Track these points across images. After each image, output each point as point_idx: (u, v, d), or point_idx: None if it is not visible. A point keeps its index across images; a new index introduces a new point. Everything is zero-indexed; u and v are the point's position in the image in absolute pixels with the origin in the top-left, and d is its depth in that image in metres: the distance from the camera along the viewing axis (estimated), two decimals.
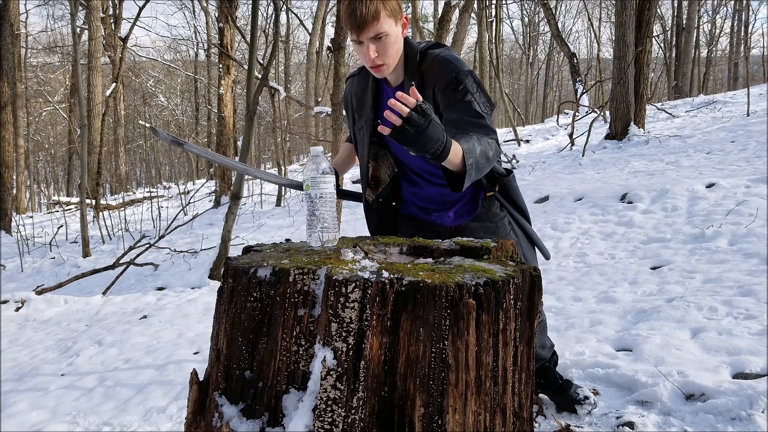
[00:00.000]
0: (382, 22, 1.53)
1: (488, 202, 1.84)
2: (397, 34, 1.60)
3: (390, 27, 1.56)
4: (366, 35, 1.54)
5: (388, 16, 1.54)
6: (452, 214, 1.87)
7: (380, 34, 1.55)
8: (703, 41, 26.54)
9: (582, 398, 2.13)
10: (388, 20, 1.55)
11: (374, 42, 1.56)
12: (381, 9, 1.52)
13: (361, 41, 1.56)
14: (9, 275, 6.98)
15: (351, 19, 1.53)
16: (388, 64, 1.62)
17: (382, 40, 1.56)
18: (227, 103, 10.63)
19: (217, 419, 1.10)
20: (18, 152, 12.69)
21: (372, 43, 1.56)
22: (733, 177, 5.46)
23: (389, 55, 1.60)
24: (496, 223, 1.85)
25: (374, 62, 1.59)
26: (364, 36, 1.54)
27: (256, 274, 1.11)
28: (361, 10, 1.51)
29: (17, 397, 2.96)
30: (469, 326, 1.02)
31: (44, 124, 28.72)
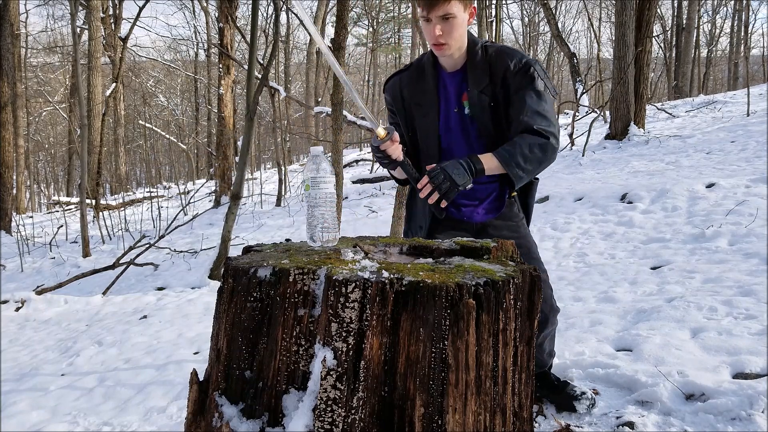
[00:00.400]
0: (453, 3, 1.64)
1: (510, 202, 1.97)
2: (464, 20, 1.70)
3: (459, 11, 1.66)
4: (435, 13, 1.65)
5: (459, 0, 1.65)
6: (481, 210, 1.96)
7: (448, 15, 1.65)
8: (703, 41, 26.54)
9: (579, 394, 2.13)
10: (459, 4, 1.66)
11: (441, 21, 1.66)
12: None
13: (429, 18, 1.67)
14: (9, 275, 6.98)
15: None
16: (450, 45, 1.71)
17: (450, 21, 1.66)
18: (227, 103, 10.63)
19: (217, 419, 1.10)
20: (18, 152, 12.69)
21: (439, 23, 1.66)
22: (733, 177, 5.46)
23: (453, 36, 1.69)
24: (516, 222, 1.98)
25: (437, 40, 1.68)
26: (433, 14, 1.65)
27: (256, 274, 1.11)
28: None
29: (17, 397, 2.96)
30: (469, 326, 1.02)
31: (44, 124, 28.72)
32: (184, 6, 25.02)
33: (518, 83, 1.74)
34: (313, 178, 1.31)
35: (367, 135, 12.51)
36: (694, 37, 22.33)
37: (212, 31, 20.44)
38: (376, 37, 25.84)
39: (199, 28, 24.76)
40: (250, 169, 16.56)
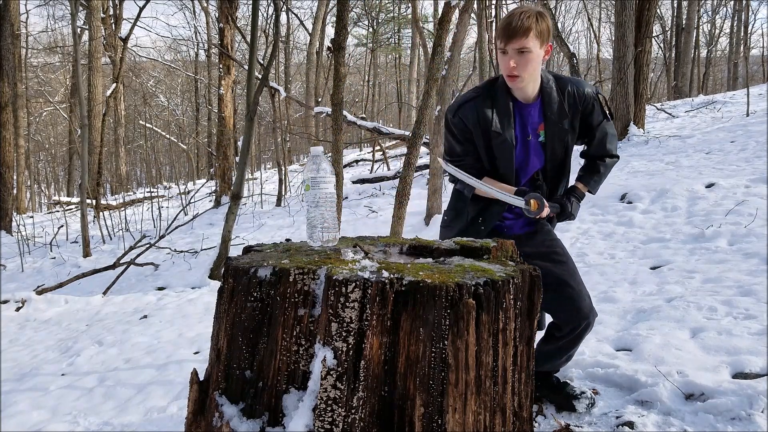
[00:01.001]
0: (530, 39, 1.74)
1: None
2: (539, 55, 1.80)
3: (534, 46, 1.76)
4: (512, 46, 1.75)
5: (536, 36, 1.75)
6: (521, 222, 2.09)
7: (524, 49, 1.75)
8: (702, 41, 26.53)
9: (579, 394, 2.14)
10: (535, 40, 1.75)
11: (517, 54, 1.76)
12: (533, 28, 1.74)
13: (506, 51, 1.77)
14: (9, 275, 6.98)
15: (505, 29, 1.75)
16: (523, 77, 1.80)
17: (525, 55, 1.76)
18: (227, 103, 10.63)
19: (218, 419, 1.10)
20: (18, 152, 12.69)
21: (515, 56, 1.76)
22: (733, 177, 5.46)
23: (527, 70, 1.79)
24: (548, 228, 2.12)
25: (512, 72, 1.78)
26: (510, 46, 1.75)
27: (256, 274, 1.11)
28: (516, 23, 1.73)
29: (17, 397, 2.96)
30: (468, 326, 1.03)
31: (44, 124, 28.71)
32: (185, 6, 25.02)
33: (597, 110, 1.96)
34: (313, 178, 1.32)
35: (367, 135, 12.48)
36: (693, 37, 22.32)
37: (212, 31, 20.44)
38: (376, 37, 25.84)
39: (199, 28, 24.78)
40: (251, 169, 16.56)
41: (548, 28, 1.79)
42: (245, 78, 7.29)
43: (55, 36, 25.83)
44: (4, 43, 10.33)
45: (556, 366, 2.18)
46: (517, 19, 1.73)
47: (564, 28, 31.30)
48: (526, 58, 1.76)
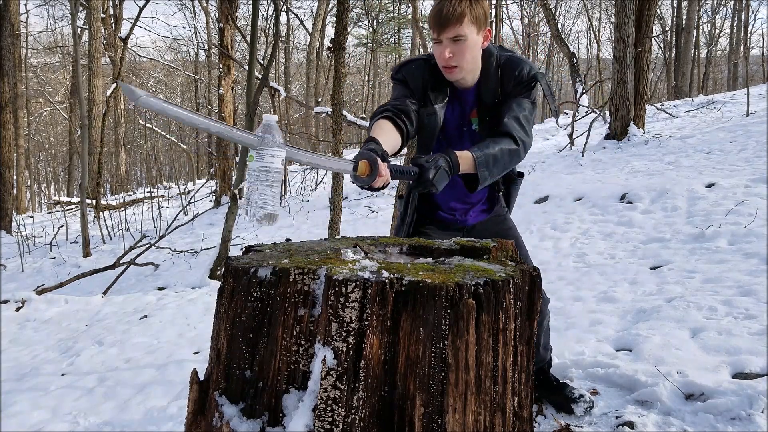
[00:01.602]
0: (465, 26, 1.59)
1: (497, 200, 2.00)
2: (477, 42, 1.65)
3: (471, 33, 1.61)
4: (446, 35, 1.60)
5: (471, 22, 1.60)
6: (473, 213, 1.98)
7: (459, 37, 1.60)
8: (702, 41, 26.53)
9: (577, 396, 2.13)
10: (471, 26, 1.61)
11: (452, 43, 1.61)
12: (467, 14, 1.58)
13: (440, 40, 1.62)
14: (9, 275, 6.98)
15: (436, 17, 1.59)
16: (461, 67, 1.66)
17: (460, 43, 1.61)
18: (227, 103, 10.63)
19: (218, 419, 1.10)
20: (18, 152, 12.69)
21: (450, 44, 1.61)
22: (733, 177, 5.46)
23: (464, 59, 1.64)
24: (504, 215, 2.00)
25: (448, 62, 1.64)
26: (444, 35, 1.60)
27: (256, 274, 1.11)
28: (447, 10, 1.57)
29: (17, 397, 2.97)
30: (468, 326, 1.03)
31: (45, 124, 28.72)
32: (185, 6, 25.01)
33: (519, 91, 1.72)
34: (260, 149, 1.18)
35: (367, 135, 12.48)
36: (693, 37, 22.32)
37: (212, 31, 20.44)
38: (376, 37, 25.84)
39: (199, 28, 24.77)
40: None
41: (485, 12, 1.64)
42: (245, 78, 7.29)
43: (55, 36, 25.84)
44: (4, 43, 10.33)
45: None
46: (448, 5, 1.57)
47: (564, 28, 31.31)
48: (462, 46, 1.61)
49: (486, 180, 1.60)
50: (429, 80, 1.79)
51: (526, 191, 6.38)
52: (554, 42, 20.67)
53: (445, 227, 1.97)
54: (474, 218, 1.97)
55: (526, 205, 5.94)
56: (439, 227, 1.97)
